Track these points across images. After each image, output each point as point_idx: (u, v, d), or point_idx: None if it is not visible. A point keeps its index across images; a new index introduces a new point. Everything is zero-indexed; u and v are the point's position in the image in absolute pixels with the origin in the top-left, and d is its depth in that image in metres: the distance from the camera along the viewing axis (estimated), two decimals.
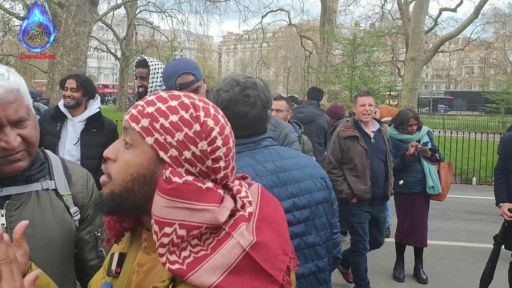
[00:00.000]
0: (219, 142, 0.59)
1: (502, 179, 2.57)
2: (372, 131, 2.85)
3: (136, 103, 0.62)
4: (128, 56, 18.73)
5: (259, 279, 0.54)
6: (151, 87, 2.19)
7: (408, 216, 3.24)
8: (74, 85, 2.33)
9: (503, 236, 2.45)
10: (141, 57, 2.39)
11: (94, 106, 2.41)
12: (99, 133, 2.40)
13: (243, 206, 0.59)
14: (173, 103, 0.59)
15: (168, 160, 0.57)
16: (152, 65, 2.21)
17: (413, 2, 15.16)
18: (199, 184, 0.56)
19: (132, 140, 0.59)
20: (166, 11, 18.66)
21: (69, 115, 2.37)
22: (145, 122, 0.58)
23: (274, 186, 1.12)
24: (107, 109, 19.44)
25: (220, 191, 0.59)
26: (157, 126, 0.57)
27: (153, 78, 2.20)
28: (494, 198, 2.64)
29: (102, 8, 19.16)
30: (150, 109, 0.58)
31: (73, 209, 0.93)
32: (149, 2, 18.64)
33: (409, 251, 3.39)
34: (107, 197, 0.60)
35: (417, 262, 3.33)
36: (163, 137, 0.57)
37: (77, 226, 0.94)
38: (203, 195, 0.56)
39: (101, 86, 37.28)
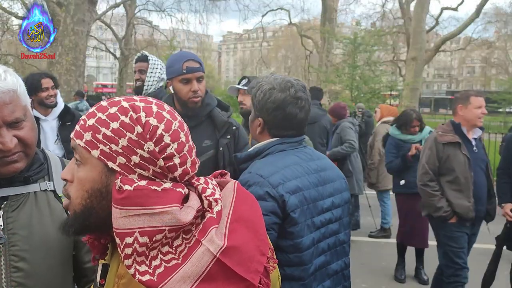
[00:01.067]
0: (167, 139, 0.57)
1: (504, 179, 2.54)
2: (474, 138, 2.40)
3: (80, 118, 0.62)
4: (127, 56, 18.72)
5: (233, 284, 0.53)
6: (149, 81, 2.20)
7: (409, 216, 3.21)
8: (52, 83, 2.31)
9: (505, 237, 2.42)
10: (142, 53, 2.38)
11: (60, 101, 2.39)
12: (73, 125, 2.37)
13: (210, 205, 0.57)
14: (113, 110, 0.58)
15: (118, 168, 0.56)
16: (151, 59, 2.22)
17: (414, 1, 15.12)
18: (154, 187, 0.55)
19: (80, 157, 0.58)
20: (166, 10, 18.65)
21: (41, 116, 2.33)
22: (88, 135, 0.57)
23: (318, 184, 1.17)
24: None
25: (181, 189, 0.57)
26: (100, 137, 0.56)
27: (151, 73, 2.21)
28: (496, 198, 2.61)
29: (101, 7, 19.19)
30: (91, 121, 0.58)
31: None
32: (148, 1, 18.63)
33: (410, 252, 3.36)
34: (72, 218, 0.60)
35: (418, 263, 3.31)
36: (107, 146, 0.56)
37: None
38: (159, 198, 0.54)
39: (100, 85, 37.34)
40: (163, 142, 0.56)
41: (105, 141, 0.56)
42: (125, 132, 0.56)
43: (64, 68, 6.73)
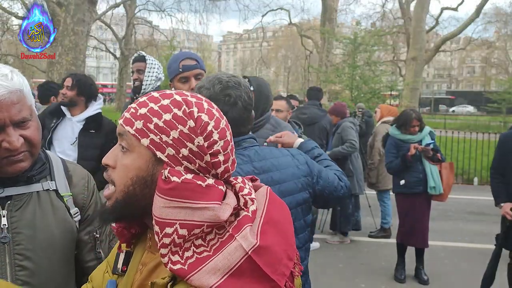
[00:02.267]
0: (215, 136, 0.58)
1: (498, 179, 2.53)
2: None
3: (129, 106, 0.61)
4: (127, 56, 18.71)
5: (260, 283, 0.53)
6: (146, 81, 2.21)
7: (409, 216, 3.20)
8: (70, 83, 2.31)
9: (504, 236, 2.41)
10: (139, 53, 2.39)
11: (94, 107, 2.37)
12: (97, 135, 2.37)
13: (245, 204, 0.58)
14: (165, 102, 0.58)
15: (165, 159, 0.56)
16: (149, 59, 2.23)
17: (414, 1, 15.12)
18: (199, 182, 0.56)
19: (128, 144, 0.58)
20: (166, 10, 18.66)
21: (68, 114, 2.34)
22: (139, 124, 0.57)
23: None
24: (106, 109, 19.42)
25: (222, 187, 0.58)
26: (151, 126, 0.57)
27: (149, 73, 2.21)
28: (493, 198, 2.60)
29: (101, 7, 19.17)
30: (143, 111, 0.58)
31: (74, 210, 0.93)
32: (148, 1, 18.63)
33: (410, 252, 3.36)
34: (112, 205, 0.60)
35: (418, 263, 3.31)
36: (158, 137, 0.56)
37: (77, 227, 0.94)
38: (203, 193, 0.55)
39: (100, 85, 37.31)
40: (212, 139, 0.58)
41: (156, 131, 0.56)
42: (177, 124, 0.57)
43: (64, 68, 6.72)
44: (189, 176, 0.55)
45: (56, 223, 0.88)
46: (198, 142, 0.57)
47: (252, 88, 1.97)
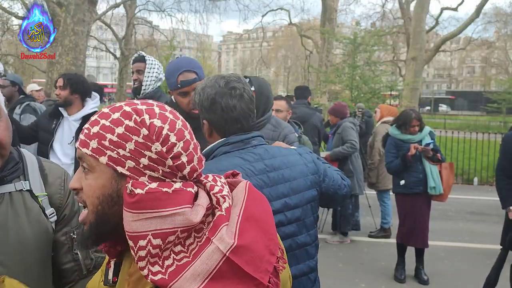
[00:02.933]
0: (173, 139, 0.57)
1: (504, 181, 2.53)
2: None
3: (84, 127, 0.61)
4: (127, 56, 18.70)
5: (242, 283, 0.53)
6: (146, 81, 2.20)
7: (409, 216, 3.21)
8: (61, 83, 2.31)
9: None
10: (139, 53, 2.38)
11: (90, 106, 2.38)
12: None
13: (218, 203, 0.57)
14: (116, 115, 0.58)
15: (127, 172, 0.56)
16: (148, 60, 2.23)
17: (414, 1, 15.12)
18: (165, 189, 0.55)
19: (88, 165, 0.58)
20: (166, 10, 18.64)
21: (65, 114, 2.35)
22: (94, 143, 0.58)
23: (265, 186, 1.10)
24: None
25: (191, 189, 0.57)
26: (106, 143, 0.57)
27: (149, 73, 2.21)
28: (500, 200, 2.59)
29: (101, 7, 19.18)
30: (95, 129, 0.58)
31: (49, 210, 0.90)
32: (149, 1, 18.62)
33: (410, 252, 3.36)
34: (87, 230, 0.60)
35: (418, 263, 3.31)
36: (115, 152, 0.56)
37: (54, 228, 0.91)
38: (170, 199, 0.55)
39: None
40: (170, 142, 0.57)
41: (111, 147, 0.56)
42: (131, 135, 0.56)
43: (64, 68, 6.72)
44: (154, 185, 0.55)
45: (30, 224, 0.85)
46: (156, 149, 0.56)
47: (253, 88, 1.98)
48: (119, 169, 0.56)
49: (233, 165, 1.08)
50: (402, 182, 3.20)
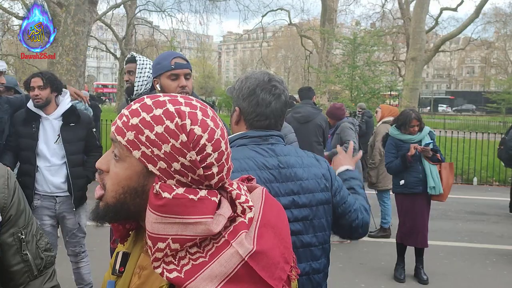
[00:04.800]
0: (209, 149, 0.57)
1: None
2: None
3: (122, 112, 0.60)
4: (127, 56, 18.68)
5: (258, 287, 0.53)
6: (138, 81, 2.20)
7: (409, 216, 3.21)
8: (41, 83, 2.26)
9: None
10: (131, 54, 2.39)
11: (65, 101, 2.37)
12: (78, 127, 2.38)
13: (243, 212, 0.57)
14: (158, 112, 0.57)
15: (157, 172, 0.56)
16: (139, 60, 2.22)
17: (414, 2, 15.13)
18: (191, 196, 0.55)
19: (120, 153, 0.58)
20: (166, 10, 18.64)
21: (43, 114, 2.31)
22: (130, 135, 0.56)
23: (274, 181, 1.12)
24: (106, 109, 19.44)
25: (215, 198, 0.57)
26: (143, 138, 0.56)
27: (140, 73, 2.20)
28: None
29: (102, 7, 19.15)
30: (135, 121, 0.57)
31: None
32: (149, 1, 18.61)
33: (410, 251, 3.37)
34: (102, 210, 0.60)
35: (418, 263, 3.31)
36: (149, 149, 0.55)
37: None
38: (195, 207, 0.55)
39: (100, 86, 37.29)
40: (205, 152, 0.56)
41: (147, 144, 0.56)
42: (169, 138, 0.55)
43: (65, 68, 6.73)
44: (181, 190, 0.55)
45: None
46: (190, 157, 0.55)
47: None
48: (150, 167, 0.56)
49: (246, 156, 1.10)
50: (402, 182, 3.21)
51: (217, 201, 0.57)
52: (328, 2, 14.06)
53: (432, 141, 3.23)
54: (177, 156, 0.55)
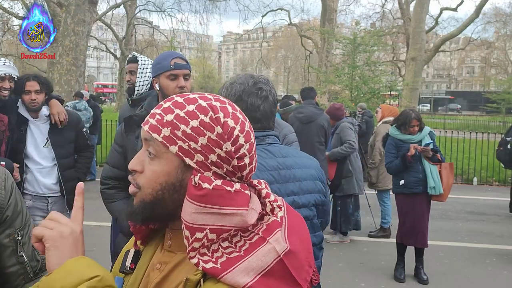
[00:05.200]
0: (241, 140, 0.59)
1: None
2: None
3: (153, 111, 0.61)
4: (127, 56, 18.70)
5: (288, 285, 0.55)
6: (139, 81, 2.19)
7: (409, 216, 3.21)
8: (38, 87, 2.25)
9: None
10: (132, 54, 2.38)
11: (45, 106, 2.34)
12: (66, 129, 2.35)
13: (272, 210, 0.60)
14: (191, 107, 0.59)
15: (194, 165, 0.57)
16: (141, 60, 2.22)
17: (414, 2, 15.13)
18: (228, 188, 0.57)
19: (156, 151, 0.59)
20: (166, 10, 18.64)
21: (30, 118, 2.29)
22: (166, 131, 0.58)
23: (275, 182, 1.14)
24: (106, 109, 19.45)
25: (247, 191, 0.59)
26: (179, 133, 0.57)
27: (142, 73, 2.20)
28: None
29: (102, 7, 19.16)
30: (169, 117, 0.58)
31: None
32: (149, 1, 18.62)
33: (410, 251, 3.37)
34: (139, 207, 0.60)
35: (418, 263, 3.31)
36: (186, 143, 0.57)
37: None
38: (232, 199, 0.57)
39: (100, 86, 37.31)
40: (238, 143, 0.59)
41: (184, 138, 0.57)
42: (204, 131, 0.57)
43: (65, 68, 6.74)
44: (219, 182, 0.57)
45: None
46: (226, 148, 0.57)
47: None
48: (187, 160, 0.57)
49: None
50: (402, 182, 3.21)
51: (249, 195, 0.59)
52: (328, 2, 14.07)
53: (432, 141, 3.23)
54: (214, 148, 0.57)
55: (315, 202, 1.21)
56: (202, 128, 0.57)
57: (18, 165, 2.25)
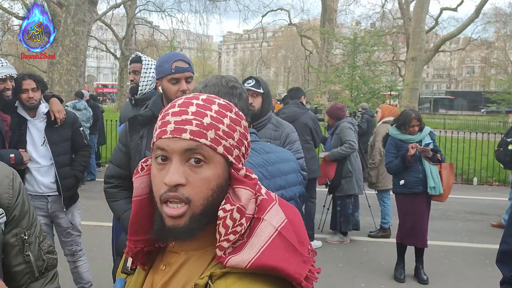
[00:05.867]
0: (247, 132, 0.64)
1: None
2: None
3: (181, 118, 0.57)
4: (127, 56, 18.71)
5: (293, 255, 0.56)
6: (143, 81, 2.20)
7: (409, 216, 3.21)
8: (34, 85, 2.27)
9: None
10: (135, 54, 2.38)
11: (43, 103, 2.36)
12: (62, 127, 2.38)
13: (259, 190, 0.61)
14: (215, 107, 0.60)
15: (233, 161, 0.60)
16: (145, 60, 2.22)
17: (414, 2, 15.13)
18: (254, 177, 0.61)
19: (204, 157, 0.57)
20: (166, 10, 18.65)
21: (28, 117, 2.31)
22: (211, 134, 0.58)
23: (264, 178, 1.17)
24: (106, 109, 19.44)
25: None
26: (220, 133, 0.59)
27: (146, 73, 2.20)
28: None
29: (102, 7, 19.19)
30: (207, 120, 0.58)
31: None
32: (149, 1, 18.63)
33: (410, 251, 3.37)
34: (191, 223, 0.57)
35: (418, 263, 3.31)
36: (228, 142, 0.59)
37: (3, 229, 0.88)
38: (250, 184, 0.61)
39: (100, 86, 37.31)
40: (247, 134, 0.64)
41: (225, 137, 0.59)
42: (235, 126, 0.60)
43: (65, 68, 6.74)
44: (254, 175, 0.60)
45: None
46: (248, 138, 0.63)
47: (261, 90, 2.01)
48: (230, 158, 0.59)
49: None
50: (402, 182, 3.21)
51: None
52: (328, 2, 14.07)
53: (432, 141, 3.23)
54: (243, 140, 0.62)
55: (299, 193, 1.27)
56: (233, 124, 0.60)
57: (24, 150, 2.28)
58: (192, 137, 0.56)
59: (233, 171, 0.59)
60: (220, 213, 0.57)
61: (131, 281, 0.66)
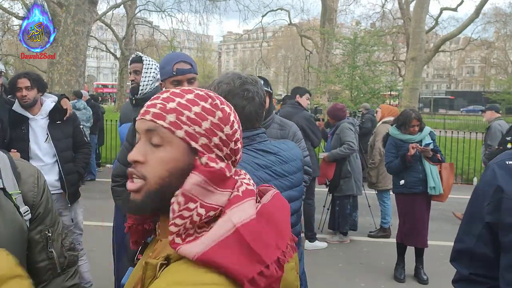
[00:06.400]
0: (235, 125, 0.64)
1: None
2: None
3: (151, 102, 0.62)
4: (127, 56, 18.72)
5: (245, 256, 0.55)
6: (144, 81, 2.20)
7: (409, 216, 3.21)
8: (28, 83, 2.29)
9: None
10: (136, 54, 2.39)
11: (49, 99, 2.40)
12: (64, 124, 2.43)
13: (238, 188, 0.62)
14: (190, 96, 0.62)
15: (200, 148, 0.60)
16: (145, 60, 2.22)
17: (414, 2, 15.14)
18: (227, 172, 0.61)
19: (161, 138, 0.60)
20: (166, 10, 18.66)
21: (29, 115, 2.33)
22: (171, 117, 0.60)
23: (272, 179, 1.18)
24: (106, 109, 19.44)
25: (237, 177, 0.63)
26: (183, 118, 0.60)
27: (146, 73, 2.20)
28: None
29: (102, 7, 19.20)
30: (172, 105, 0.60)
31: (23, 208, 0.89)
32: (149, 1, 18.64)
33: (410, 251, 3.37)
34: (146, 199, 0.60)
35: (418, 263, 3.31)
36: (191, 128, 0.60)
37: (28, 226, 0.91)
38: (225, 183, 0.60)
39: (100, 86, 37.32)
40: (234, 128, 0.64)
41: (189, 123, 0.60)
42: (206, 116, 0.61)
43: (65, 68, 6.75)
44: (222, 164, 0.60)
45: (5, 223, 0.83)
46: (226, 131, 0.62)
47: (271, 90, 2.04)
48: (193, 144, 0.60)
49: (241, 160, 1.16)
50: (402, 182, 3.21)
51: (236, 181, 0.63)
52: (328, 2, 14.07)
53: (432, 141, 3.23)
54: (216, 131, 0.61)
55: (303, 192, 1.30)
56: (204, 113, 0.61)
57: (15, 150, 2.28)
58: (152, 118, 0.60)
59: (197, 159, 0.59)
60: (172, 198, 0.58)
61: (133, 271, 0.69)
